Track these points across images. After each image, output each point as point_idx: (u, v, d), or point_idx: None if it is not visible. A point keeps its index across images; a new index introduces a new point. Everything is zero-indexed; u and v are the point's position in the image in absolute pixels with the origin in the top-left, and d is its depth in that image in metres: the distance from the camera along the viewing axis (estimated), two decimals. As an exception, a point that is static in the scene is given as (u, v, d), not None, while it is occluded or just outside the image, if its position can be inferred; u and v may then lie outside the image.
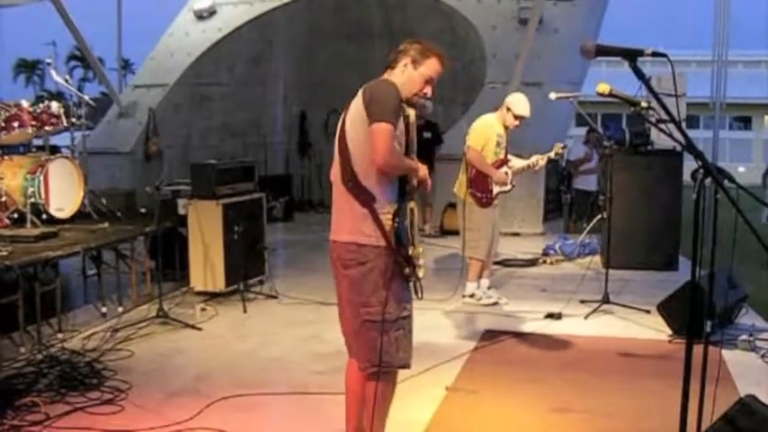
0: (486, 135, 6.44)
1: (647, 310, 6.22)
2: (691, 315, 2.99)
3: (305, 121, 14.22)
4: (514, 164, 6.63)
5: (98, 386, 4.50)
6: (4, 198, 6.32)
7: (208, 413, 4.13)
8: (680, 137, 2.69)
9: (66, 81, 7.64)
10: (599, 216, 8.38)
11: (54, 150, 7.33)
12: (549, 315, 6.23)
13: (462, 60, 12.12)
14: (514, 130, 6.62)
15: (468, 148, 6.44)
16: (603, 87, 3.14)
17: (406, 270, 3.19)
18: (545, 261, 8.78)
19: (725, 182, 2.63)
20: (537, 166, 6.74)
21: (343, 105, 3.28)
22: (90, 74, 43.20)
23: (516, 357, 5.32)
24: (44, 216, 6.50)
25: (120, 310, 6.25)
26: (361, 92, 3.18)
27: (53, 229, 6.11)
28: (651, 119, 3.76)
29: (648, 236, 8.19)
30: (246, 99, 13.31)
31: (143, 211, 7.73)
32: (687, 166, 5.38)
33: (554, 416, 4.21)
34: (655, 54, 2.61)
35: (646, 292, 6.97)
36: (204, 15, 13.35)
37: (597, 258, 8.25)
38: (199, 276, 6.74)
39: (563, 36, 11.68)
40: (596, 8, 12.56)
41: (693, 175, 2.64)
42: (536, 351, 5.46)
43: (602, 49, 2.65)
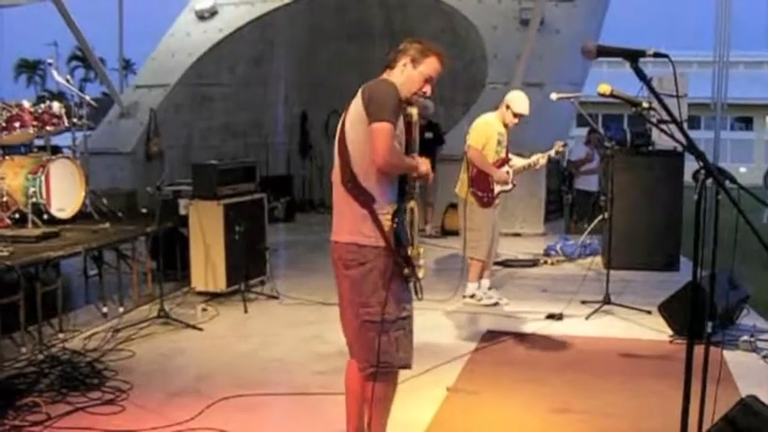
0: (487, 134, 6.43)
1: (648, 311, 6.22)
2: (692, 316, 3.00)
3: (306, 122, 14.22)
4: (515, 163, 6.62)
5: (99, 386, 4.50)
6: (5, 198, 6.33)
7: (209, 413, 4.13)
8: (681, 137, 2.69)
9: (68, 81, 7.64)
10: (600, 217, 8.36)
11: (55, 150, 7.33)
12: (550, 316, 6.22)
13: (463, 60, 12.12)
14: (516, 130, 6.61)
15: (469, 147, 6.43)
16: (605, 88, 3.14)
17: (405, 271, 3.19)
18: (546, 261, 8.77)
19: (726, 182, 2.62)
20: (538, 165, 6.74)
21: (343, 106, 3.27)
22: (91, 74, 43.20)
23: (517, 358, 5.32)
24: (45, 216, 6.50)
25: (122, 310, 6.25)
26: (360, 92, 3.17)
27: (54, 230, 6.12)
28: (652, 119, 3.75)
29: (650, 236, 8.19)
30: (248, 99, 13.31)
31: (144, 211, 7.73)
32: (688, 166, 5.39)
33: (555, 416, 4.21)
34: (656, 55, 2.61)
35: (647, 292, 6.96)
36: (205, 16, 13.35)
37: (598, 259, 8.24)
38: (200, 277, 6.75)
39: (564, 37, 11.68)
40: (597, 9, 12.57)
41: (695, 175, 2.64)
42: (537, 352, 5.46)
43: (603, 50, 2.65)
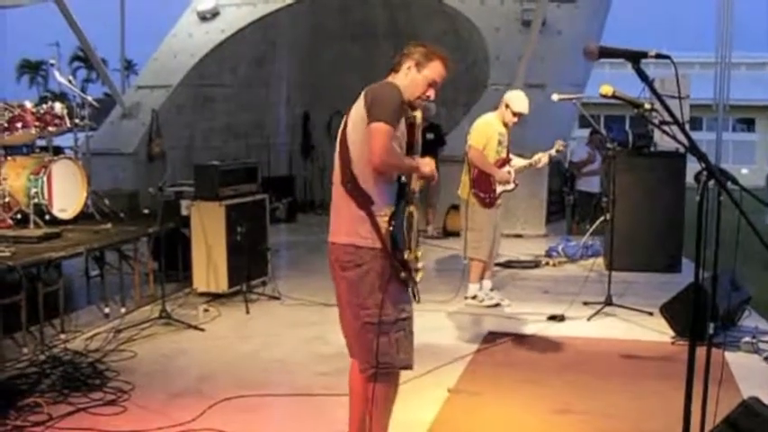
0: (488, 134, 6.42)
1: (649, 312, 6.21)
2: (694, 317, 2.99)
3: (308, 123, 14.23)
4: (516, 162, 6.62)
5: (101, 387, 4.51)
6: (7, 199, 6.34)
7: (210, 414, 4.13)
8: (683, 138, 2.69)
9: (70, 82, 7.64)
10: (602, 218, 8.35)
11: (57, 151, 7.31)
12: (552, 317, 6.22)
13: (465, 62, 12.12)
14: (517, 130, 6.61)
15: (470, 147, 6.42)
16: (606, 89, 3.15)
17: (402, 274, 3.18)
18: (548, 263, 8.76)
19: (728, 184, 2.63)
20: (539, 164, 6.74)
21: (346, 107, 3.27)
22: (93, 75, 43.29)
23: (519, 359, 5.32)
24: (47, 217, 6.51)
25: (123, 310, 6.25)
26: (363, 94, 3.17)
27: (56, 230, 6.12)
28: (654, 120, 3.77)
29: (651, 238, 8.18)
30: (250, 100, 13.31)
31: (146, 211, 7.72)
32: (690, 167, 5.39)
33: (556, 417, 4.21)
34: (658, 56, 2.61)
35: (649, 293, 6.96)
36: (207, 16, 13.35)
37: (600, 260, 8.24)
38: (202, 277, 6.75)
39: (566, 38, 11.68)
40: (599, 10, 12.56)
41: (697, 176, 2.64)
42: (538, 353, 5.45)
43: (605, 51, 2.65)
